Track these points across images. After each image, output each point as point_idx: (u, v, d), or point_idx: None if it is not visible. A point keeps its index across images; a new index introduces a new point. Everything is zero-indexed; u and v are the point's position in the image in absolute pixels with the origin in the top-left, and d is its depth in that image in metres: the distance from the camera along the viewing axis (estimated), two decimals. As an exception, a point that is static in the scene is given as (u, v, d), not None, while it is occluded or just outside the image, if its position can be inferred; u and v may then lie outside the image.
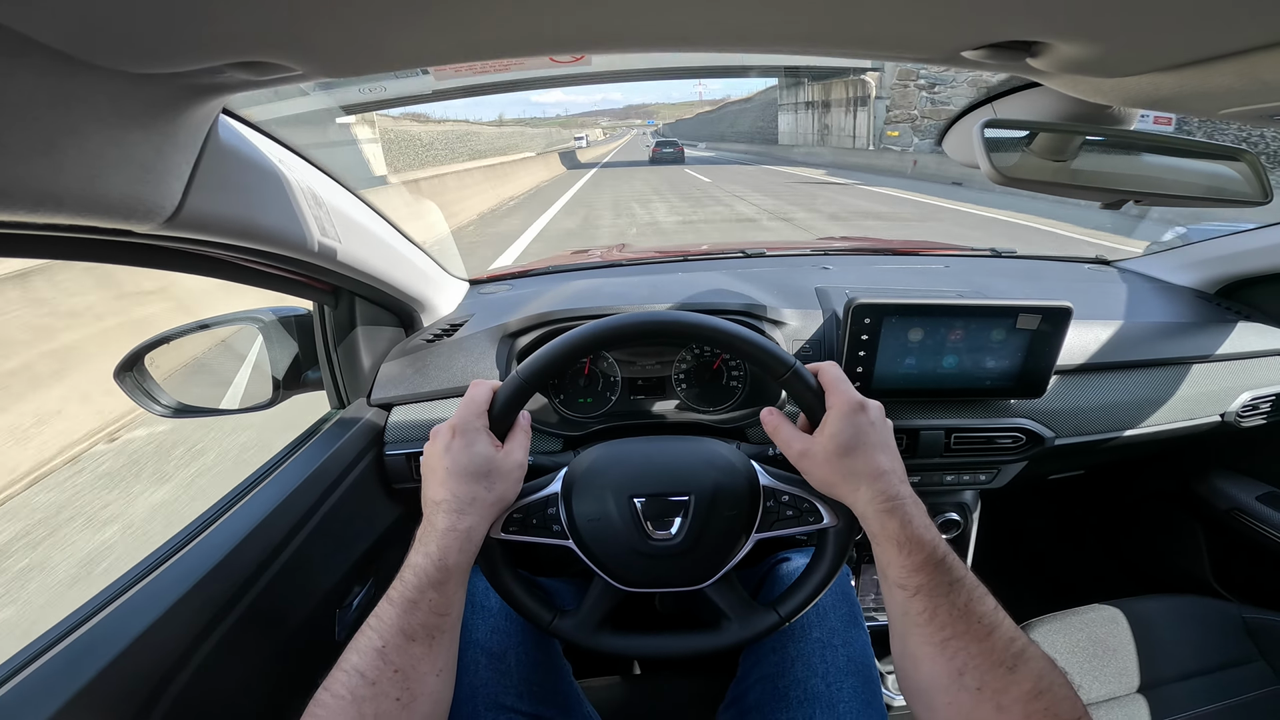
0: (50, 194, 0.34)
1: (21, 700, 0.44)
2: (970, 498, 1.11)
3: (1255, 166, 0.70)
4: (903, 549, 0.50)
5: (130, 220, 0.40)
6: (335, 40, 0.33)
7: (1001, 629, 0.47)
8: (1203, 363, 1.04)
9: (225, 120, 0.48)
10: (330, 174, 0.69)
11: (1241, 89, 0.44)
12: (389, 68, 0.36)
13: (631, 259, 1.35)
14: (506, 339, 0.96)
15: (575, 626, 0.62)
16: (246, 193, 0.52)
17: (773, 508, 0.61)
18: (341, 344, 0.91)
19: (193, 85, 0.37)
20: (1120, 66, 0.42)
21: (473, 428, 0.56)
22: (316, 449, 0.81)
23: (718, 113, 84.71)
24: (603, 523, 0.60)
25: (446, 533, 0.52)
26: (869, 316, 0.87)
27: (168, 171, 0.41)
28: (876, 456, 0.54)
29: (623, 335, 0.60)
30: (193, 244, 0.52)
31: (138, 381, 0.85)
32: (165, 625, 0.53)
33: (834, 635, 0.72)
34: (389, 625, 0.48)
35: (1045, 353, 0.89)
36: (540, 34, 0.36)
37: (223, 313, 0.91)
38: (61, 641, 0.49)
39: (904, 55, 0.42)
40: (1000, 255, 1.40)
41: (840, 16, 0.37)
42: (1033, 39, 0.37)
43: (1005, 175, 0.63)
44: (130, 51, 0.32)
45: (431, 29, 0.33)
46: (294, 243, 0.61)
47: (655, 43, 0.40)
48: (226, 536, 0.63)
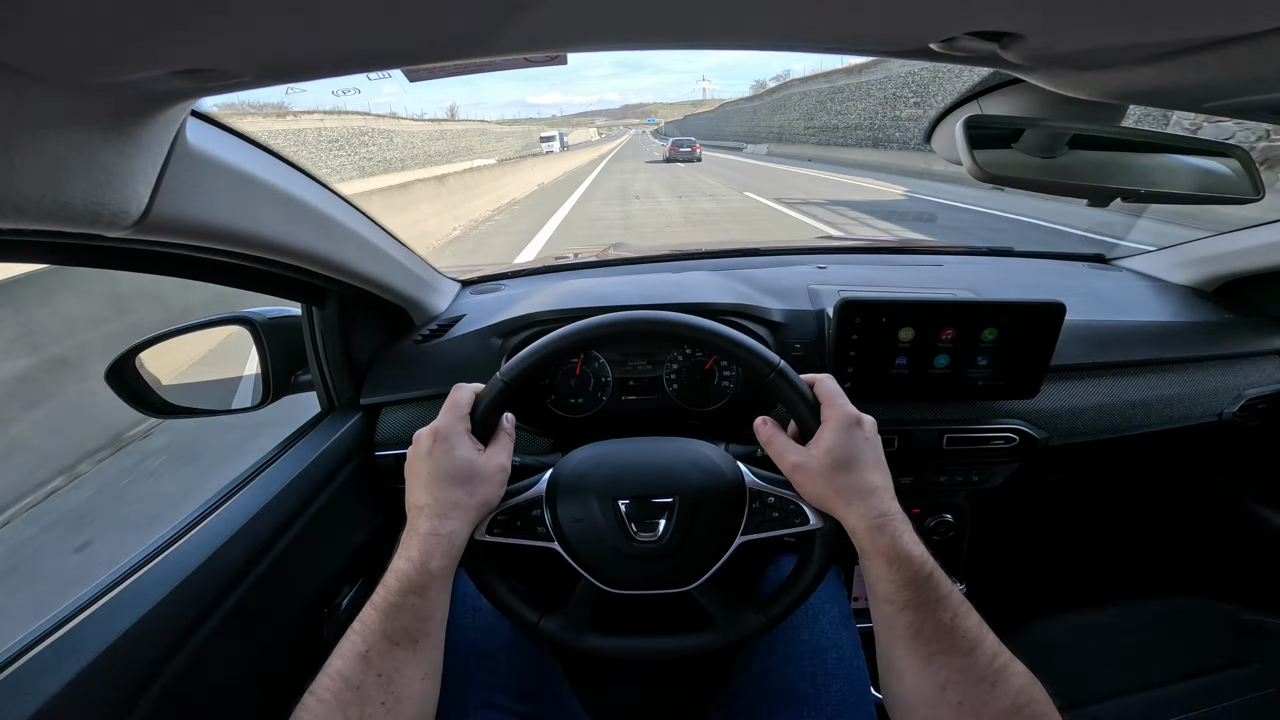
0: (10, 202, 0.34)
1: (7, 694, 0.45)
2: (964, 499, 1.10)
3: (1247, 162, 0.69)
4: (891, 564, 0.51)
5: (96, 225, 0.40)
6: (275, 45, 0.33)
7: (984, 645, 0.47)
8: (1200, 362, 1.03)
9: (195, 123, 0.48)
10: (312, 175, 0.69)
11: (1223, 81, 0.44)
12: (343, 71, 0.36)
13: (624, 258, 1.35)
14: (497, 339, 0.96)
15: (561, 628, 0.62)
16: (219, 194, 0.52)
17: (759, 509, 0.61)
18: (331, 345, 0.91)
19: (146, 92, 0.37)
20: (1095, 58, 0.42)
21: (454, 431, 0.56)
22: (305, 449, 0.81)
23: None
24: (587, 525, 0.60)
25: (428, 537, 0.52)
26: (859, 315, 0.86)
27: (132, 176, 0.41)
28: (870, 474, 0.54)
29: (603, 336, 0.60)
30: (169, 246, 0.52)
31: (129, 382, 0.86)
32: (152, 621, 0.54)
33: (823, 637, 0.72)
34: (372, 630, 0.48)
35: (1038, 352, 0.88)
36: (505, 33, 0.36)
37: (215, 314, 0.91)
38: (49, 636, 0.50)
39: (874, 49, 0.42)
40: (996, 253, 1.39)
41: (808, 12, 0.36)
42: (1000, 29, 0.37)
43: (989, 172, 0.62)
44: (70, 64, 0.32)
45: (384, 31, 0.33)
46: (272, 243, 0.61)
47: (622, 39, 0.40)
48: (214, 534, 0.64)
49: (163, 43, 0.31)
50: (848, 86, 31.53)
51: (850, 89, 31.21)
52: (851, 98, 31.06)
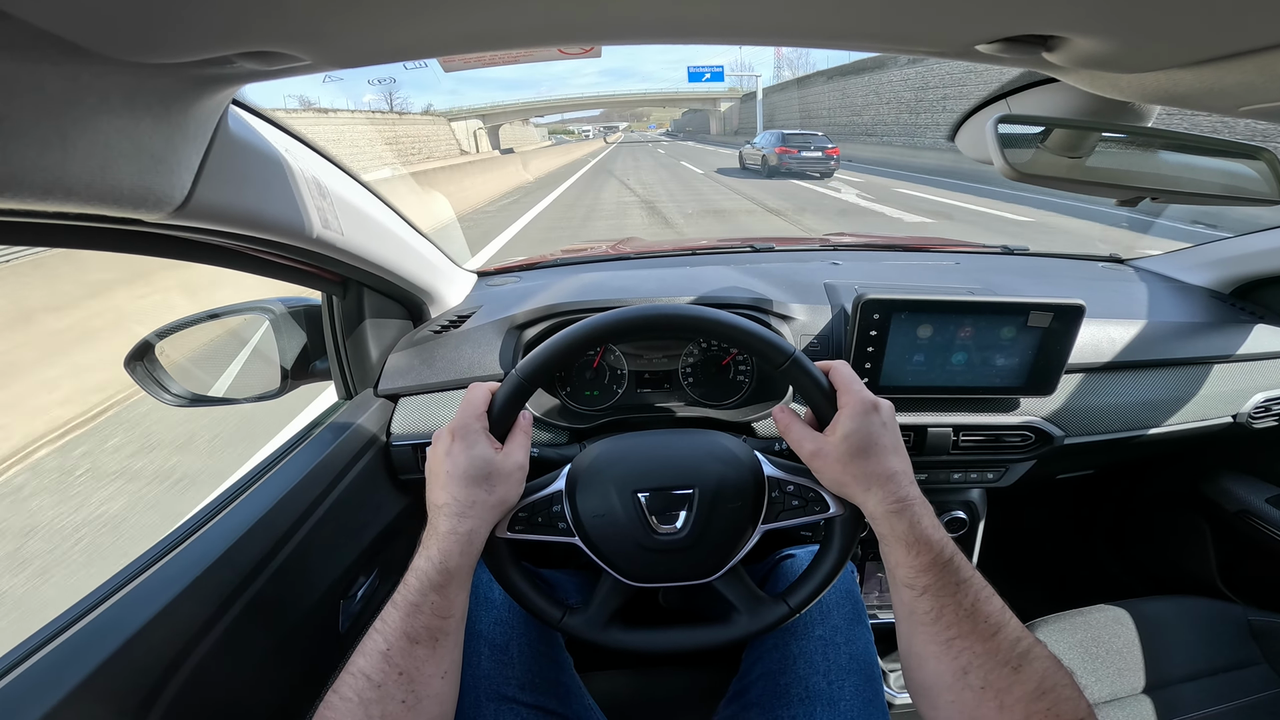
0: (60, 183, 0.34)
1: (26, 690, 0.45)
2: (978, 496, 1.10)
3: (1273, 164, 0.68)
4: (911, 549, 0.51)
5: (139, 210, 0.40)
6: (343, 30, 0.33)
7: (1007, 629, 0.47)
8: (1215, 363, 1.03)
9: (235, 111, 0.48)
10: (340, 165, 0.69)
11: (1261, 86, 0.43)
12: (397, 58, 0.36)
13: (640, 252, 1.35)
14: (514, 330, 0.96)
15: (585, 623, 0.62)
16: (255, 183, 0.52)
17: (778, 498, 0.61)
18: (350, 335, 0.91)
19: (202, 76, 0.37)
20: (1138, 62, 0.41)
21: (471, 430, 0.56)
22: (323, 439, 0.81)
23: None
24: (608, 518, 0.60)
25: (447, 536, 0.52)
26: (878, 312, 0.86)
27: (178, 162, 0.41)
28: (888, 459, 0.54)
29: (617, 330, 0.60)
30: (202, 233, 0.52)
31: (148, 370, 0.86)
32: (170, 616, 0.54)
33: (837, 633, 0.72)
34: (393, 628, 0.49)
35: (1056, 351, 0.89)
36: (547, 24, 0.36)
37: (233, 303, 0.92)
38: (65, 631, 0.50)
39: (917, 49, 0.42)
40: (1012, 252, 1.38)
41: (852, 10, 0.36)
42: (1049, 33, 0.37)
43: (1020, 171, 0.62)
44: (140, 42, 0.32)
45: (438, 19, 0.33)
46: (302, 233, 0.61)
47: (663, 34, 0.40)
48: (232, 527, 0.64)
49: (240, 23, 0.31)
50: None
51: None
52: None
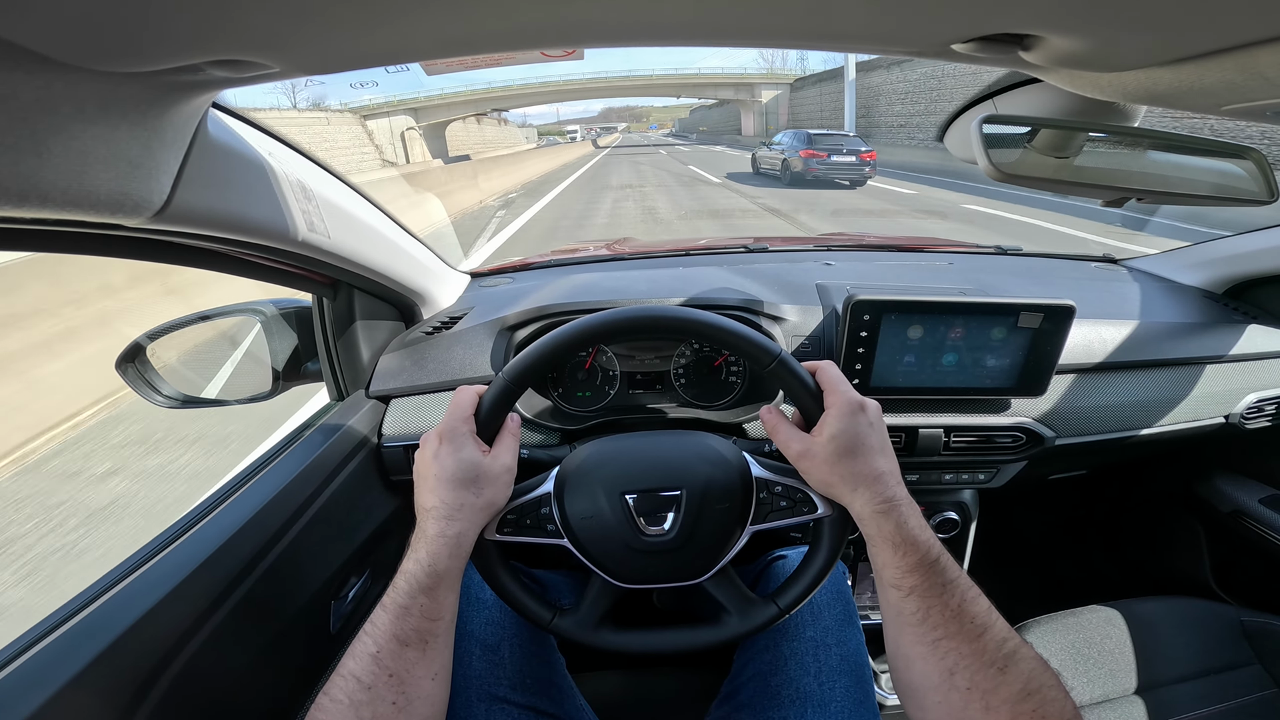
0: (35, 189, 0.35)
1: (18, 685, 0.45)
2: (969, 497, 1.10)
3: (1262, 164, 0.68)
4: (898, 550, 0.51)
5: (118, 215, 0.40)
6: (312, 38, 0.33)
7: (993, 630, 0.47)
8: (1208, 364, 1.03)
9: (215, 115, 0.49)
10: (327, 168, 0.69)
11: (1242, 84, 0.43)
12: (371, 64, 0.36)
13: (633, 253, 1.35)
14: (505, 332, 0.96)
15: (575, 624, 0.62)
16: (237, 187, 0.52)
17: (766, 499, 0.61)
18: (341, 336, 0.91)
19: (176, 83, 0.37)
20: (1115, 60, 0.41)
21: (459, 434, 0.56)
22: (314, 440, 0.81)
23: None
24: (595, 520, 0.60)
25: (435, 539, 0.52)
26: (868, 313, 0.86)
27: (155, 167, 0.41)
28: (875, 459, 0.54)
29: (604, 332, 0.60)
30: (187, 237, 0.52)
31: (139, 372, 0.86)
32: (161, 613, 0.54)
33: (828, 634, 0.72)
34: (383, 631, 0.49)
35: (1047, 352, 0.88)
36: (519, 30, 0.36)
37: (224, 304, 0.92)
38: (59, 628, 0.50)
39: (893, 49, 0.42)
40: (1005, 253, 1.38)
41: (828, 10, 0.36)
42: (1023, 32, 0.37)
43: (1005, 172, 0.62)
44: (108, 52, 0.32)
45: (408, 26, 0.33)
46: (287, 235, 0.61)
47: (640, 37, 0.40)
48: (223, 526, 0.64)
49: (206, 32, 0.31)
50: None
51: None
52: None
